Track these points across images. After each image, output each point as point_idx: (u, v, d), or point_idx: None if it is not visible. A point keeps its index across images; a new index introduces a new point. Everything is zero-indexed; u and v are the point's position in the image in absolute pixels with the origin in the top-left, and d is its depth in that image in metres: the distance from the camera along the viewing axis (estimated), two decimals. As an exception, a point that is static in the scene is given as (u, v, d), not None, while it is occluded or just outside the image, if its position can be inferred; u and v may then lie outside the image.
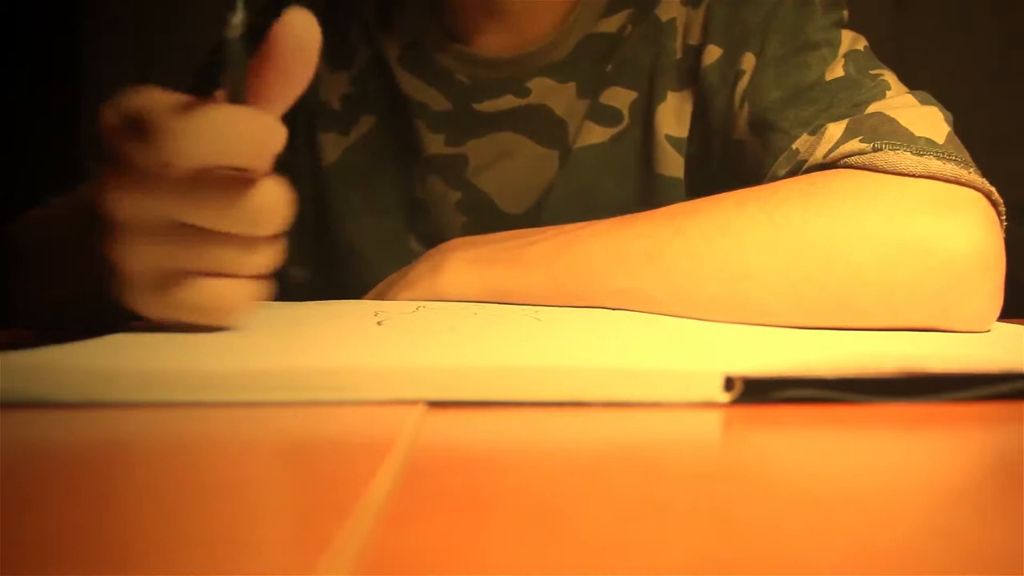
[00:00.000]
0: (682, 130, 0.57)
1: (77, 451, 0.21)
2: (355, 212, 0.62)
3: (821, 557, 0.14)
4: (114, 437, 0.22)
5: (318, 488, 0.17)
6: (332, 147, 0.62)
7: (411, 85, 0.61)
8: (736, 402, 0.26)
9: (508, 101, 0.59)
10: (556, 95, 0.59)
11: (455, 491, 0.18)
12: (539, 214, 0.59)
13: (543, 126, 0.59)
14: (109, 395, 0.24)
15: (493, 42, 0.59)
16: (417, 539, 0.15)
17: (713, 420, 0.25)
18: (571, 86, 0.59)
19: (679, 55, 0.57)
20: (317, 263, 0.64)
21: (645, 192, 0.58)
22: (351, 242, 0.63)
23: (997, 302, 0.41)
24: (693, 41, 0.56)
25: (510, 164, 0.60)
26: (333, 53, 0.62)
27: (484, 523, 0.15)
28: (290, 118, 0.64)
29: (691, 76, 0.56)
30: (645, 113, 0.58)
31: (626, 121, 0.58)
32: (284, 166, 0.56)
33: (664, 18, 0.57)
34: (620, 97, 0.58)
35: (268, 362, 0.26)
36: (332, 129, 0.62)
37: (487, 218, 0.60)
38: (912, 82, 0.50)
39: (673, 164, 0.57)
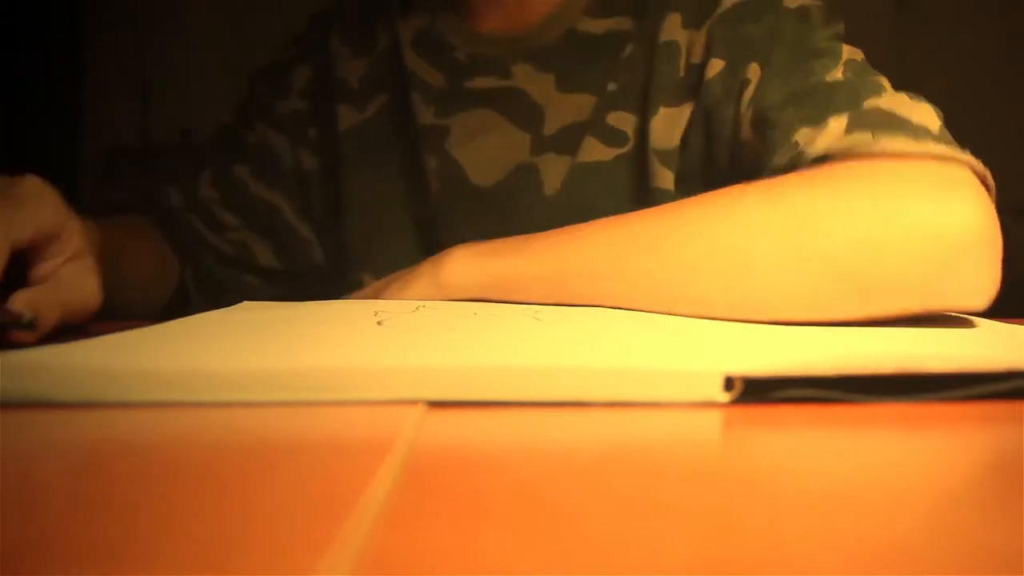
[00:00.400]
0: (671, 142, 0.59)
1: (77, 451, 0.21)
2: (364, 176, 0.68)
3: (821, 557, 0.14)
4: (114, 437, 0.22)
5: (318, 488, 0.17)
6: (348, 117, 0.69)
7: (415, 63, 0.67)
8: (736, 402, 0.26)
9: (492, 81, 0.64)
10: (534, 82, 0.63)
11: (455, 491, 0.18)
12: (505, 189, 0.63)
13: (519, 108, 0.63)
14: (109, 395, 0.24)
15: (492, 17, 0.65)
16: (417, 539, 0.15)
17: (713, 420, 0.25)
18: (550, 78, 0.63)
19: (682, 74, 0.59)
20: (323, 217, 0.70)
21: (638, 204, 0.59)
22: (359, 201, 0.68)
23: (996, 276, 0.41)
24: (696, 60, 0.58)
25: (484, 139, 0.64)
26: (359, 42, 0.70)
27: (484, 523, 0.15)
28: (314, 95, 0.73)
29: (691, 92, 0.58)
30: (640, 131, 0.60)
31: (631, 142, 0.61)
32: (304, 134, 0.69)
33: (662, 39, 0.60)
34: (626, 121, 0.61)
35: (268, 362, 0.26)
36: (350, 103, 0.69)
37: (456, 187, 0.64)
38: (913, 80, 0.51)
39: (662, 176, 0.59)
